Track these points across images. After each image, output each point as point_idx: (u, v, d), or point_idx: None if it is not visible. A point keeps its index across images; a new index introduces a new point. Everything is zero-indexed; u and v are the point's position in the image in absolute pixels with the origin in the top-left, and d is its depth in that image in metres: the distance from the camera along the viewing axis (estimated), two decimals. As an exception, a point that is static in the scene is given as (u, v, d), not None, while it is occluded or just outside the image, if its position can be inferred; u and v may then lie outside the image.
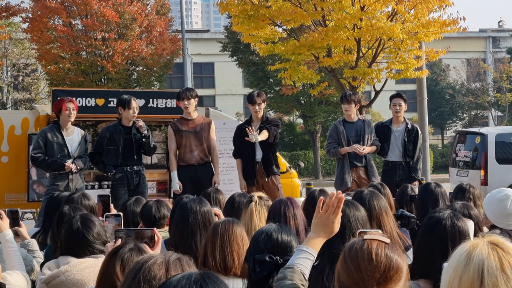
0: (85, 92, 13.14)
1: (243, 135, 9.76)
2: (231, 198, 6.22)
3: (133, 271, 2.73)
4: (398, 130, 10.64)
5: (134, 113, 9.57)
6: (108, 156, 9.65)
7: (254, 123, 9.88)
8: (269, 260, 3.20)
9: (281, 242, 3.37)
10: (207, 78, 53.37)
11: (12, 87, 37.38)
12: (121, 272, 3.36)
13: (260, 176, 9.83)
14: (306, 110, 33.91)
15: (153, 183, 13.03)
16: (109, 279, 3.35)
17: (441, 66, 48.49)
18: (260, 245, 3.38)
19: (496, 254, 2.37)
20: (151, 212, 5.65)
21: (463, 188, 6.66)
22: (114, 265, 3.37)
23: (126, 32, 27.84)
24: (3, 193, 11.57)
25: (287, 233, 3.44)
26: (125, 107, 9.54)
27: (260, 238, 3.41)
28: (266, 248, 3.32)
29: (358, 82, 17.08)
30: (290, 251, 3.35)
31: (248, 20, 16.72)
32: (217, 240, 3.99)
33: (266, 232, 3.43)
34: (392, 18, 16.19)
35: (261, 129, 9.73)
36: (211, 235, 4.03)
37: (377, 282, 2.77)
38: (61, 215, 5.25)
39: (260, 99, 9.85)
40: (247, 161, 9.88)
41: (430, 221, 4.11)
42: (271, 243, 3.35)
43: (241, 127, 10.04)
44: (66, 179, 9.45)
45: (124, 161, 9.63)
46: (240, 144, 9.97)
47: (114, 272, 3.35)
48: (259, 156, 9.83)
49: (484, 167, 16.38)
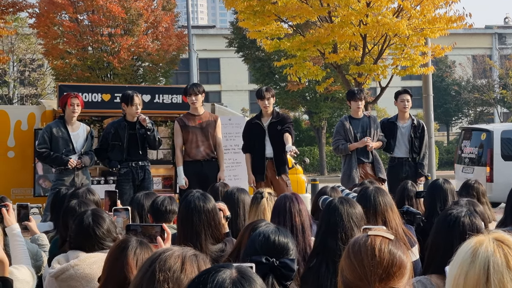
0: (91, 87, 13.14)
1: (253, 130, 9.89)
2: (227, 192, 6.18)
3: (149, 259, 2.74)
4: (405, 126, 10.64)
5: (137, 109, 9.60)
6: (113, 151, 9.68)
7: (264, 118, 9.93)
8: (265, 262, 3.20)
9: (278, 244, 3.36)
10: (213, 74, 53.34)
11: (19, 82, 37.45)
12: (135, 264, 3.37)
13: (269, 172, 9.86)
14: (312, 106, 33.87)
15: (158, 179, 13.04)
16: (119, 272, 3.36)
17: (447, 63, 48.37)
18: (256, 246, 3.38)
19: (502, 250, 2.37)
20: (163, 204, 5.65)
21: (468, 185, 6.67)
22: (127, 257, 3.37)
23: (132, 28, 27.89)
24: (10, 188, 11.59)
25: (284, 235, 3.44)
26: (128, 103, 9.57)
27: (257, 240, 3.40)
28: (263, 250, 3.32)
29: (364, 79, 17.07)
30: (286, 253, 3.35)
31: (254, 16, 16.73)
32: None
33: (264, 233, 3.42)
34: (398, 14, 16.18)
35: (273, 125, 9.79)
36: (249, 234, 3.90)
37: (380, 278, 2.78)
38: (68, 209, 5.26)
39: (269, 94, 9.91)
40: (257, 156, 9.91)
41: (448, 218, 4.12)
42: (268, 245, 3.35)
43: (250, 122, 10.10)
44: (71, 175, 9.48)
45: (129, 157, 9.66)
46: (249, 139, 10.02)
47: (127, 264, 3.36)
48: (269, 152, 9.85)
49: (489, 164, 16.38)
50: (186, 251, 2.74)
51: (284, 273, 3.20)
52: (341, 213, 4.13)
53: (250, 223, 4.18)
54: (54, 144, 9.48)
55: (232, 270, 2.24)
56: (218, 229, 4.74)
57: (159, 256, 2.71)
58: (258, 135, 9.87)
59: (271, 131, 9.84)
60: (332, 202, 4.26)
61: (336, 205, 4.19)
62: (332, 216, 4.16)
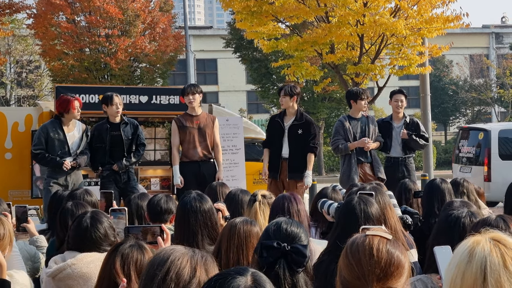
0: (89, 88, 13.12)
1: (274, 127, 9.90)
2: (230, 193, 6.21)
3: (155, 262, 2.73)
4: (399, 126, 10.65)
5: (117, 109, 9.56)
6: (97, 154, 9.67)
7: (287, 118, 9.89)
8: (277, 246, 3.21)
9: (290, 232, 3.38)
10: (210, 75, 53.36)
11: (16, 83, 37.44)
12: (121, 268, 3.40)
13: (283, 173, 9.81)
14: (309, 107, 33.88)
15: (156, 180, 13.04)
16: (108, 275, 3.39)
17: (444, 62, 48.44)
18: (270, 234, 3.40)
19: (498, 250, 2.37)
20: (159, 204, 5.65)
21: (457, 182, 6.63)
22: (114, 261, 3.40)
23: (129, 29, 27.91)
24: (7, 190, 11.58)
25: (297, 225, 3.46)
26: (108, 103, 9.56)
27: (270, 228, 3.44)
28: (275, 237, 3.34)
29: (361, 78, 17.07)
30: (298, 240, 3.36)
31: (251, 16, 16.72)
32: (233, 240, 3.95)
33: (277, 222, 3.46)
34: (395, 14, 16.18)
35: (294, 127, 9.75)
36: (228, 234, 3.99)
37: (378, 278, 2.79)
38: (64, 211, 5.26)
39: (282, 92, 9.86)
40: (274, 155, 9.89)
41: (449, 219, 4.12)
42: (279, 232, 3.37)
43: (274, 119, 10.08)
44: (65, 174, 9.47)
45: (111, 159, 9.63)
46: (270, 135, 10.08)
47: (114, 268, 3.39)
48: (285, 152, 9.82)
49: (487, 163, 16.39)
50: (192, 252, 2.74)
51: (295, 259, 3.20)
52: (359, 212, 4.14)
53: (230, 220, 4.20)
54: (50, 145, 9.45)
55: (247, 277, 2.26)
56: (215, 229, 4.74)
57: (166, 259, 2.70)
58: (277, 134, 9.82)
59: (291, 132, 9.78)
60: (350, 203, 4.24)
61: (354, 206, 4.19)
62: (350, 217, 4.16)
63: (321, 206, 5.57)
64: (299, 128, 9.76)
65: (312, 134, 9.82)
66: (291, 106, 9.81)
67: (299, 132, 9.74)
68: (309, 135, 9.80)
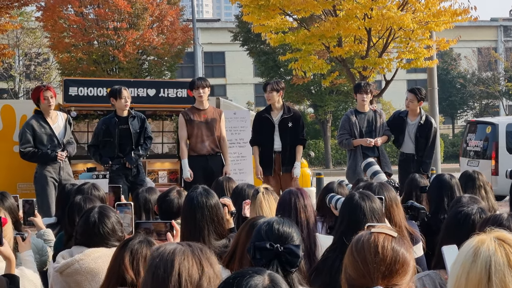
0: (97, 81, 13.12)
1: (262, 124, 9.97)
2: (236, 188, 6.21)
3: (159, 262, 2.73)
4: (412, 124, 10.61)
5: (126, 102, 9.56)
6: (105, 148, 9.69)
7: (274, 112, 10.01)
8: (270, 248, 3.22)
9: (282, 232, 3.37)
10: (218, 68, 53.29)
11: (24, 76, 37.48)
12: (130, 264, 3.42)
13: (277, 166, 9.92)
14: (317, 100, 33.84)
15: (164, 173, 13.07)
16: (117, 270, 3.41)
17: (452, 56, 48.22)
18: (262, 234, 3.40)
19: (503, 250, 2.38)
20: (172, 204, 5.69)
21: (472, 177, 6.54)
22: (123, 257, 3.42)
23: (137, 22, 27.93)
24: (16, 183, 11.60)
25: (289, 225, 3.45)
26: (117, 97, 9.56)
27: (262, 228, 3.43)
28: (268, 237, 3.34)
29: (369, 72, 17.05)
30: (291, 240, 3.36)
31: (259, 9, 16.71)
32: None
33: (268, 222, 3.45)
34: (402, 7, 16.16)
35: (284, 121, 9.91)
36: (248, 230, 3.93)
37: (383, 275, 2.80)
38: (72, 205, 5.28)
39: (269, 87, 9.97)
40: (265, 151, 9.98)
41: (459, 216, 4.14)
42: (272, 232, 3.36)
43: (260, 115, 10.15)
44: (57, 167, 9.50)
45: (120, 153, 9.65)
46: (258, 133, 10.10)
47: (123, 263, 3.41)
48: (277, 145, 9.92)
49: (495, 157, 16.37)
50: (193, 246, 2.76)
51: (289, 259, 3.21)
52: (364, 209, 4.14)
53: (249, 219, 4.18)
54: (38, 141, 9.46)
55: (264, 277, 2.30)
56: (222, 225, 4.76)
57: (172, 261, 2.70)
58: (267, 130, 9.93)
59: (282, 126, 9.93)
60: (353, 199, 4.24)
61: (359, 202, 4.19)
62: (354, 213, 4.16)
63: (329, 200, 5.57)
64: (289, 121, 9.96)
65: (301, 126, 10.09)
66: (277, 101, 10.00)
67: (290, 125, 9.95)
68: (299, 127, 10.05)
